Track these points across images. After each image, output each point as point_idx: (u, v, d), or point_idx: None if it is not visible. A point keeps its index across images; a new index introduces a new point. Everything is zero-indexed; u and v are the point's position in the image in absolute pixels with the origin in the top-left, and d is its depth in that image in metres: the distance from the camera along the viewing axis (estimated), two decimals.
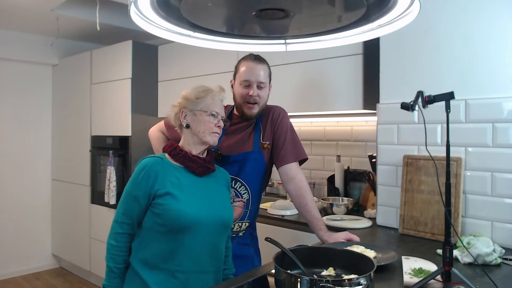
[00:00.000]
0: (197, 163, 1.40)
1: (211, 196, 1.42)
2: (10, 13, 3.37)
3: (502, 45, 1.75)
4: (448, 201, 1.21)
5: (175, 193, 1.33)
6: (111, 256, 1.36)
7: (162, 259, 1.33)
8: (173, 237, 1.32)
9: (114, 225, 1.38)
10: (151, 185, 1.34)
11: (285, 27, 1.29)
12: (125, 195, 1.38)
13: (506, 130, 1.72)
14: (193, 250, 1.33)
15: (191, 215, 1.32)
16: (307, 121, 3.04)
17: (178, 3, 1.06)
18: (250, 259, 1.72)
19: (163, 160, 1.40)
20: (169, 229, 1.32)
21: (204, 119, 1.41)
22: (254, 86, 1.66)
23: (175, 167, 1.40)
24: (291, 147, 1.72)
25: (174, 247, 1.32)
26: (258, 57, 1.70)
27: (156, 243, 1.33)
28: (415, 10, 1.09)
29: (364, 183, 2.65)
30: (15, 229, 4.07)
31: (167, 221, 1.31)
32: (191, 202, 1.34)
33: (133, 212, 1.35)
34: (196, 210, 1.34)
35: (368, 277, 1.03)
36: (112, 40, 3.92)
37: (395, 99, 2.06)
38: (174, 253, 1.32)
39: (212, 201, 1.41)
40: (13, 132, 4.08)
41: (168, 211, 1.31)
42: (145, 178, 1.34)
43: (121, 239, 1.36)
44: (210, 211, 1.38)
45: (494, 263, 1.47)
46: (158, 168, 1.36)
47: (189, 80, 3.26)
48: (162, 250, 1.33)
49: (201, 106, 1.42)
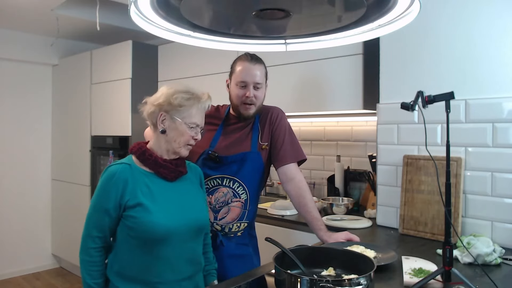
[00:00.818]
0: (168, 168, 1.33)
1: (185, 201, 1.36)
2: (10, 13, 3.37)
3: (502, 45, 1.75)
4: (448, 201, 1.21)
5: (146, 203, 1.26)
6: (87, 272, 1.28)
7: (139, 271, 1.27)
8: (149, 249, 1.27)
9: (86, 239, 1.29)
10: (121, 195, 1.26)
11: (285, 27, 1.29)
12: (93, 208, 1.29)
13: (506, 130, 1.72)
14: (171, 260, 1.29)
15: (165, 226, 1.26)
16: (307, 121, 3.04)
17: (178, 3, 1.06)
18: (249, 258, 1.72)
19: (131, 166, 1.31)
20: (144, 242, 1.26)
21: (183, 130, 1.33)
22: (251, 87, 1.64)
23: (145, 173, 1.32)
24: (289, 148, 1.72)
25: (151, 259, 1.27)
26: (255, 57, 1.68)
27: (132, 255, 1.28)
28: (415, 10, 1.09)
29: (364, 183, 2.65)
30: (15, 229, 4.07)
31: (140, 234, 1.25)
32: (164, 212, 1.28)
33: (104, 225, 1.28)
34: (170, 220, 1.28)
35: (368, 277, 1.03)
36: (112, 40, 3.92)
37: (395, 99, 2.06)
38: (152, 265, 1.27)
39: (186, 206, 1.35)
40: (13, 132, 4.08)
41: (140, 224, 1.25)
42: (114, 188, 1.26)
43: (95, 253, 1.29)
44: (185, 219, 1.31)
45: (494, 263, 1.47)
46: (127, 176, 1.28)
47: (189, 80, 3.25)
48: (139, 262, 1.27)
49: (184, 115, 1.32)
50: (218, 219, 1.66)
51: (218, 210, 1.66)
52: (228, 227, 1.67)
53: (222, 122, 1.75)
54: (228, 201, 1.66)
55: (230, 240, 1.68)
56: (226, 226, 1.67)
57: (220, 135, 1.72)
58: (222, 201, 1.66)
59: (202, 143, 1.70)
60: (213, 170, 1.67)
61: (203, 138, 1.70)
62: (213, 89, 3.09)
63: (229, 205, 1.67)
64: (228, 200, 1.66)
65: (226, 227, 1.67)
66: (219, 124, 1.75)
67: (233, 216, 1.67)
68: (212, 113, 1.77)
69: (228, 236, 1.68)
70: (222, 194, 1.66)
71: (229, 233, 1.68)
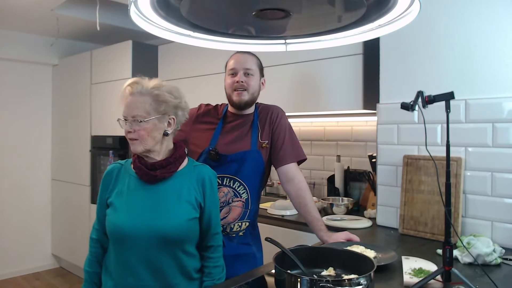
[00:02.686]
0: (141, 170, 1.32)
1: (156, 206, 1.31)
2: (10, 13, 3.37)
3: (502, 45, 1.75)
4: (448, 201, 1.21)
5: (116, 203, 1.33)
6: (87, 258, 1.39)
7: (112, 270, 1.34)
8: (115, 249, 1.33)
9: (92, 229, 1.42)
10: (108, 192, 1.36)
11: (285, 27, 1.29)
12: (98, 201, 1.40)
13: (506, 130, 1.72)
14: (130, 263, 1.29)
15: (124, 228, 1.28)
16: (307, 121, 3.04)
17: (178, 3, 1.06)
18: (251, 256, 1.71)
19: (123, 166, 1.39)
20: (112, 242, 1.34)
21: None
22: (240, 72, 1.67)
23: (131, 173, 1.37)
24: (289, 147, 1.72)
25: (117, 260, 1.32)
26: (246, 51, 1.72)
27: (109, 254, 1.37)
28: (415, 10, 1.09)
29: (364, 183, 2.65)
30: (15, 229, 4.07)
31: (108, 233, 1.33)
32: (128, 214, 1.29)
33: (102, 218, 1.37)
34: (131, 221, 1.28)
35: (368, 277, 1.03)
36: (112, 40, 3.92)
37: (395, 99, 2.06)
38: (118, 265, 1.32)
39: (155, 211, 1.30)
40: (13, 132, 4.08)
41: (107, 222, 1.33)
42: (103, 185, 1.38)
43: (92, 244, 1.39)
44: (146, 224, 1.28)
45: (494, 263, 1.47)
46: (114, 175, 1.38)
47: (189, 80, 3.25)
48: (111, 261, 1.34)
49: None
50: None
51: (219, 210, 1.66)
52: (230, 227, 1.67)
53: (221, 121, 1.75)
54: (229, 201, 1.66)
55: (232, 240, 1.68)
56: (228, 226, 1.67)
57: (219, 133, 1.72)
58: (223, 201, 1.66)
59: (201, 143, 1.70)
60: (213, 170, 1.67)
61: (202, 137, 1.71)
62: (213, 89, 3.09)
63: (230, 204, 1.66)
64: (229, 200, 1.66)
65: (227, 227, 1.67)
66: (217, 123, 1.74)
67: (234, 215, 1.67)
68: (211, 112, 1.77)
69: (230, 236, 1.68)
70: (223, 194, 1.66)
71: (231, 233, 1.68)
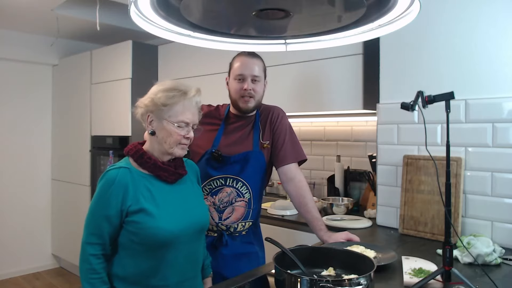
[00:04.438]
0: (168, 171, 1.29)
1: (186, 202, 1.34)
2: (10, 13, 3.37)
3: (502, 45, 1.75)
4: (448, 201, 1.21)
5: (149, 208, 1.23)
6: (87, 280, 1.22)
7: (144, 276, 1.25)
8: (153, 254, 1.25)
9: (85, 246, 1.24)
10: (122, 201, 1.22)
11: (285, 27, 1.29)
12: (92, 214, 1.25)
13: (506, 130, 1.72)
14: (176, 263, 1.28)
15: (170, 230, 1.24)
16: (307, 121, 3.04)
17: (178, 3, 1.06)
18: (254, 255, 1.72)
19: (130, 170, 1.27)
20: (148, 247, 1.24)
21: (171, 129, 1.27)
22: (249, 80, 1.66)
23: (144, 176, 1.28)
24: (290, 148, 1.72)
25: (156, 263, 1.25)
26: (252, 53, 1.70)
27: (136, 261, 1.25)
28: (415, 10, 1.09)
29: (364, 183, 2.65)
30: (15, 229, 4.07)
31: (145, 240, 1.23)
32: (167, 216, 1.26)
33: (104, 232, 1.23)
34: (175, 224, 1.26)
35: (368, 277, 1.03)
36: (112, 40, 3.92)
37: (395, 99, 2.06)
38: (157, 269, 1.25)
39: (187, 208, 1.33)
40: (13, 132, 4.08)
41: (144, 229, 1.22)
42: (115, 194, 1.22)
43: (95, 260, 1.23)
44: (189, 221, 1.31)
45: (494, 263, 1.47)
46: (127, 181, 1.24)
47: (189, 80, 3.25)
48: (144, 267, 1.25)
49: (169, 114, 1.27)
50: (223, 219, 1.66)
51: (223, 210, 1.66)
52: (233, 227, 1.67)
53: (223, 122, 1.75)
54: (232, 201, 1.67)
55: (235, 239, 1.68)
56: (231, 226, 1.67)
57: (221, 134, 1.72)
58: (226, 201, 1.66)
59: (203, 144, 1.70)
60: (216, 171, 1.67)
61: (204, 138, 1.71)
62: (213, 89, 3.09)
63: (233, 205, 1.67)
64: (232, 200, 1.67)
65: (231, 227, 1.67)
66: (219, 123, 1.75)
67: (238, 215, 1.67)
68: (212, 113, 1.78)
69: (233, 236, 1.68)
70: (226, 194, 1.66)
71: (234, 232, 1.68)
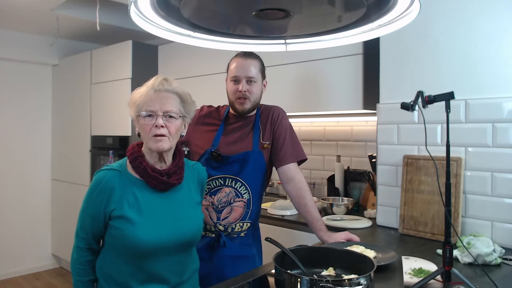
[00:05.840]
0: (157, 179, 1.25)
1: (176, 213, 1.29)
2: (10, 13, 3.37)
3: (502, 45, 1.75)
4: (448, 201, 1.21)
5: (131, 216, 1.21)
6: (74, 269, 1.29)
7: (124, 277, 1.24)
8: (133, 260, 1.23)
9: (75, 238, 1.30)
10: (106, 203, 1.23)
11: (285, 27, 1.29)
12: (82, 210, 1.28)
13: (506, 130, 1.72)
14: (155, 272, 1.25)
15: (149, 242, 1.21)
16: (307, 121, 3.04)
17: (178, 3, 1.06)
18: (252, 259, 1.71)
19: (121, 173, 1.26)
20: (127, 254, 1.23)
21: (142, 123, 1.26)
22: (243, 81, 1.66)
23: (135, 180, 1.26)
24: (290, 147, 1.72)
25: (136, 269, 1.24)
26: (248, 53, 1.69)
27: (119, 261, 1.25)
28: (415, 10, 1.09)
29: (364, 183, 2.65)
30: (15, 229, 4.07)
31: (123, 247, 1.22)
32: (150, 227, 1.22)
33: (88, 228, 1.26)
34: (155, 234, 1.22)
35: (368, 277, 1.03)
36: (112, 40, 3.92)
37: (395, 99, 2.06)
38: (136, 274, 1.24)
39: (176, 219, 1.28)
40: (13, 132, 4.08)
41: (123, 236, 1.21)
42: (100, 195, 1.23)
43: (81, 253, 1.28)
44: (174, 233, 1.26)
45: (494, 263, 1.47)
46: (115, 183, 1.24)
47: (189, 80, 3.25)
48: (123, 269, 1.25)
49: (139, 108, 1.27)
50: (221, 219, 1.66)
51: (221, 210, 1.66)
52: (231, 227, 1.67)
53: (223, 122, 1.75)
54: (230, 201, 1.66)
55: (233, 241, 1.67)
56: (229, 226, 1.67)
57: (221, 134, 1.72)
58: (225, 201, 1.66)
59: (203, 144, 1.70)
60: (215, 170, 1.67)
61: (204, 139, 1.71)
62: (213, 89, 3.10)
63: (232, 205, 1.67)
64: (230, 200, 1.66)
65: (229, 227, 1.67)
66: (219, 124, 1.75)
67: (236, 216, 1.67)
68: (213, 114, 1.78)
69: (231, 237, 1.68)
70: (225, 194, 1.66)
71: (232, 233, 1.68)
